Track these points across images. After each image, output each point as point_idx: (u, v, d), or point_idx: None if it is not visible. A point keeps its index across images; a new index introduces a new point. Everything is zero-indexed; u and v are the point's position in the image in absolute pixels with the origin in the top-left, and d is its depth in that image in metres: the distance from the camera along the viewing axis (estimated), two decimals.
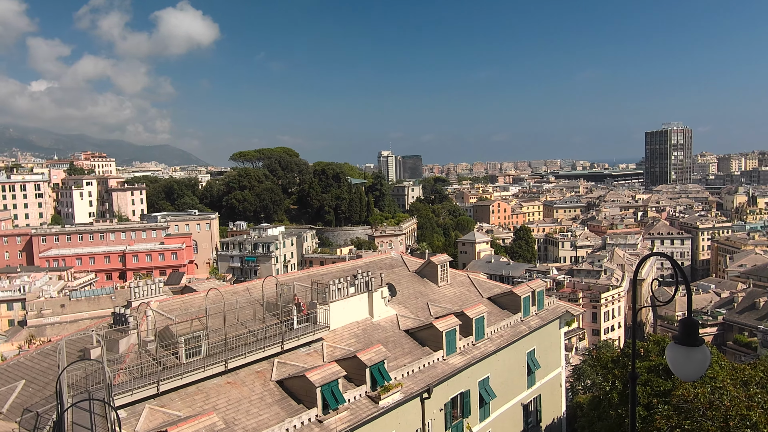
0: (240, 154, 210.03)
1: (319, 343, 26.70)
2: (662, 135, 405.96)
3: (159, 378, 20.27)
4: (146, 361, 20.98)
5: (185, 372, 21.11)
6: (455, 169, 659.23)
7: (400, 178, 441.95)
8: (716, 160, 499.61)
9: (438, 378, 27.30)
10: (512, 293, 35.94)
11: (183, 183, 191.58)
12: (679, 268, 9.19)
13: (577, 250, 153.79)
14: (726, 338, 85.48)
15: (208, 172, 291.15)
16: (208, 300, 24.69)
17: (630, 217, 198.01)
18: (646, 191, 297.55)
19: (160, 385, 20.27)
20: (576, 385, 59.57)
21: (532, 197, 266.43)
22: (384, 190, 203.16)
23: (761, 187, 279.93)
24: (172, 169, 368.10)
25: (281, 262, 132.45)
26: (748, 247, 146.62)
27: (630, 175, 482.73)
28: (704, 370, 8.44)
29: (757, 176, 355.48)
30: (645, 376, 32.20)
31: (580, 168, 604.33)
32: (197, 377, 21.61)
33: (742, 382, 28.31)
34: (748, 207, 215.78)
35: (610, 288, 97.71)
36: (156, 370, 20.49)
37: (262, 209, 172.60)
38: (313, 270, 37.34)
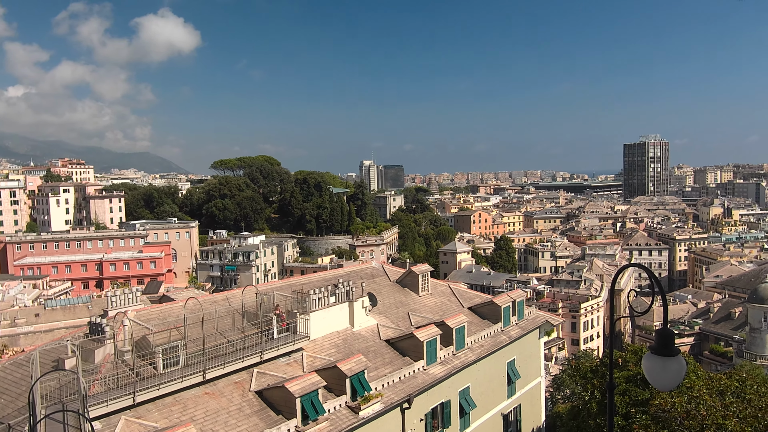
0: (221, 163, 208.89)
1: (299, 353, 26.50)
2: (640, 147, 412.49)
3: (135, 389, 19.93)
4: (122, 371, 20.63)
5: (162, 382, 20.79)
6: (437, 179, 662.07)
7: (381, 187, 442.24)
8: (692, 172, 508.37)
9: (418, 388, 27.24)
10: (493, 303, 36.06)
11: (163, 191, 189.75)
12: (655, 278, 9.31)
13: (556, 260, 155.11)
14: (702, 348, 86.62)
15: (188, 180, 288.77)
16: (187, 309, 24.39)
17: (609, 227, 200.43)
18: (624, 202, 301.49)
19: (136, 395, 19.93)
20: (555, 394, 59.91)
21: (513, 208, 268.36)
22: (366, 200, 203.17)
23: (736, 200, 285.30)
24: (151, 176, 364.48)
25: (262, 272, 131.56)
26: (723, 258, 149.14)
27: (609, 186, 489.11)
28: (680, 380, 8.53)
29: (732, 189, 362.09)
30: (623, 385, 32.49)
31: (560, 179, 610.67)
32: (175, 388, 21.30)
33: (718, 391, 28.71)
34: (724, 219, 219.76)
35: (589, 298, 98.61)
36: (132, 381, 20.15)
37: (243, 218, 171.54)
38: (293, 279, 37.14)
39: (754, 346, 71.08)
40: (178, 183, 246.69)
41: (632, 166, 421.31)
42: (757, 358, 68.87)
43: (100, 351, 21.80)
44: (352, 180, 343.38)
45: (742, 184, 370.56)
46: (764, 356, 69.28)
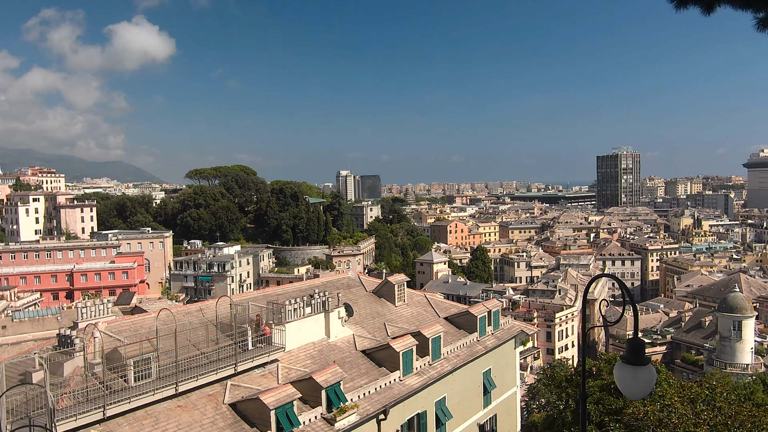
0: (196, 172, 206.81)
1: (275, 365, 26.23)
2: (613, 159, 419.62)
3: (105, 402, 19.50)
4: (92, 384, 20.17)
5: (134, 396, 20.39)
6: (413, 190, 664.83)
7: (358, 197, 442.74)
8: (664, 183, 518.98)
9: (394, 399, 27.13)
10: (468, 313, 36.17)
11: (136, 200, 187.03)
12: (625, 289, 9.43)
13: (532, 270, 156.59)
14: (674, 357, 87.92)
15: (162, 189, 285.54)
16: (159, 321, 24.01)
17: (583, 238, 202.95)
18: (598, 213, 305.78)
19: (106, 409, 19.50)
20: (531, 404, 60.22)
21: (489, 218, 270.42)
22: (342, 210, 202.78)
23: (705, 210, 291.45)
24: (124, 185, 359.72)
25: (237, 282, 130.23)
26: (694, 268, 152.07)
27: (583, 197, 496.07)
28: (651, 388, 8.64)
29: (701, 200, 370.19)
30: (597, 394, 32.79)
31: (535, 190, 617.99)
32: (146, 401, 20.90)
33: (689, 399, 29.15)
34: (694, 229, 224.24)
35: (563, 308, 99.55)
36: (103, 394, 19.72)
37: (218, 228, 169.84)
38: (269, 290, 36.82)
39: (724, 355, 72.37)
40: (152, 192, 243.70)
41: (605, 178, 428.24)
42: (726, 366, 70.10)
43: (70, 364, 21.32)
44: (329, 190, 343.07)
45: (711, 196, 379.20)
46: (734, 364, 70.57)
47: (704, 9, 7.76)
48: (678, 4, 7.80)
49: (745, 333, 71.73)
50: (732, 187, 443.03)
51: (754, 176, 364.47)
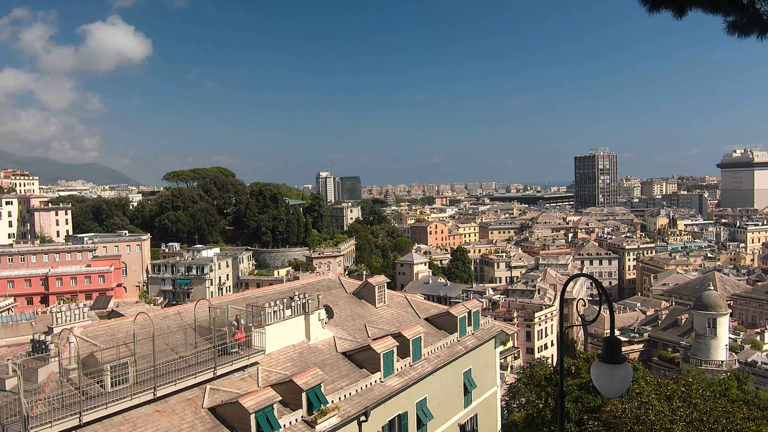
0: (174, 174, 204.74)
1: (254, 368, 26.05)
2: (590, 160, 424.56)
3: (82, 408, 19.18)
4: (68, 390, 19.84)
5: (110, 401, 20.09)
6: (394, 191, 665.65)
7: (338, 199, 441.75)
8: (640, 184, 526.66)
9: (375, 400, 27.12)
10: (449, 314, 36.30)
11: (112, 203, 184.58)
12: (602, 288, 9.55)
13: (511, 270, 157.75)
14: (651, 354, 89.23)
15: (139, 191, 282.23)
16: (137, 325, 23.71)
17: (561, 238, 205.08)
18: (576, 213, 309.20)
19: (82, 415, 19.17)
20: (511, 403, 60.63)
21: (469, 219, 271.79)
22: (322, 211, 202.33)
23: (680, 210, 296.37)
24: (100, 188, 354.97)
25: (216, 285, 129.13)
26: (670, 266, 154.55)
27: (561, 197, 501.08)
28: (627, 386, 8.75)
29: (676, 200, 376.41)
30: (576, 393, 33.09)
31: (514, 191, 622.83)
32: (123, 406, 20.60)
33: (665, 396, 29.61)
34: (670, 229, 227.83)
35: (543, 307, 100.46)
36: (79, 400, 19.40)
37: (197, 230, 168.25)
38: (248, 292, 36.57)
39: (700, 352, 73.60)
40: (128, 195, 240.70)
41: (583, 178, 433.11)
42: (702, 363, 71.30)
43: (44, 370, 20.93)
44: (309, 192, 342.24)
45: (685, 196, 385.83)
46: (709, 361, 71.81)
47: (676, 12, 7.90)
48: (651, 8, 7.92)
49: (719, 330, 73.04)
50: (706, 187, 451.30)
51: (727, 176, 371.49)
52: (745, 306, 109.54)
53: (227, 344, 25.02)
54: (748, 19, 7.72)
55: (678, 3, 7.82)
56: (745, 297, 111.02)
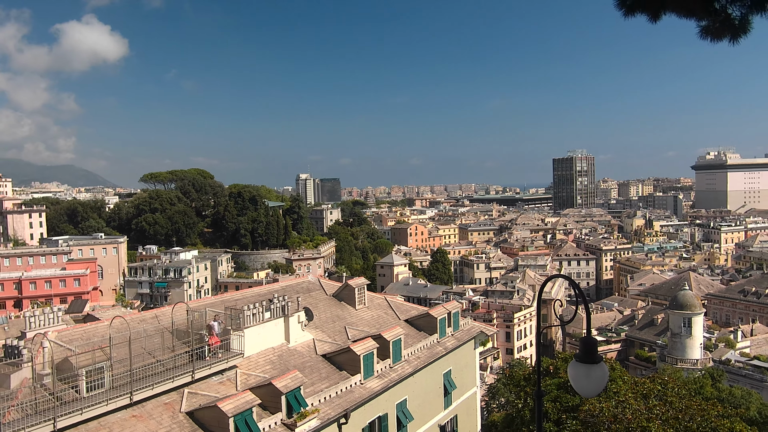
0: (151, 176, 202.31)
1: (233, 371, 25.84)
2: (568, 162, 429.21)
3: (56, 414, 18.84)
4: (42, 396, 19.48)
5: (86, 406, 19.76)
6: (374, 193, 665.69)
7: (318, 201, 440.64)
8: (617, 185, 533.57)
9: (355, 402, 27.07)
10: (429, 315, 36.40)
11: (88, 205, 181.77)
12: (578, 288, 9.65)
13: (491, 271, 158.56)
14: (628, 353, 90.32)
15: (116, 193, 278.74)
16: (113, 329, 23.37)
17: (540, 239, 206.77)
18: (554, 215, 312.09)
19: (57, 421, 18.84)
20: (491, 403, 60.88)
21: (448, 220, 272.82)
22: (302, 213, 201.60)
23: (656, 211, 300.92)
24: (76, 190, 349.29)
25: (194, 288, 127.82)
26: (646, 267, 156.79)
27: (540, 199, 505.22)
28: (603, 386, 8.84)
29: (652, 201, 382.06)
30: (554, 392, 33.37)
31: (493, 192, 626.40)
32: (99, 411, 20.28)
33: (642, 395, 30.02)
34: (646, 230, 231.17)
35: (522, 308, 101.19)
36: (53, 406, 19.05)
37: (175, 233, 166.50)
38: (227, 295, 36.26)
39: (675, 351, 74.72)
40: (104, 197, 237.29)
41: (561, 180, 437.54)
42: (677, 361, 72.38)
43: (17, 375, 20.53)
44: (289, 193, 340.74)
45: (661, 197, 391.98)
46: (684, 360, 72.94)
47: (651, 16, 8.03)
48: (627, 12, 8.04)
49: (694, 329, 74.21)
50: (681, 189, 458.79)
51: (702, 178, 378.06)
52: (719, 305, 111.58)
53: (203, 348, 24.77)
54: (720, 23, 7.87)
55: (653, 7, 7.94)
56: (719, 296, 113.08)
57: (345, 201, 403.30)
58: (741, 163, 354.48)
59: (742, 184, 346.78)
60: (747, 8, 7.63)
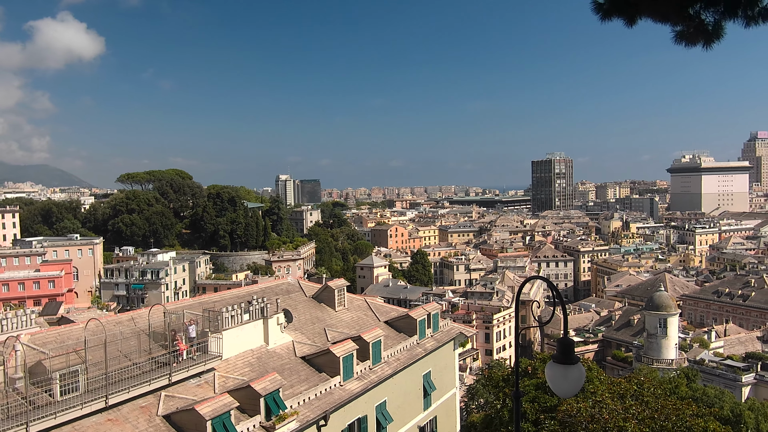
0: (128, 176, 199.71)
1: (211, 374, 25.60)
2: (547, 164, 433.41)
3: (28, 418, 18.48)
4: (14, 400, 19.07)
5: (59, 410, 19.42)
6: (354, 194, 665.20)
7: (298, 202, 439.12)
8: (594, 188, 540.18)
9: (335, 404, 26.99)
10: (408, 316, 36.45)
11: (63, 206, 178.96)
12: (555, 290, 9.74)
13: (470, 273, 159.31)
14: (605, 354, 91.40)
15: (92, 194, 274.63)
16: (88, 331, 23.00)
17: (519, 240, 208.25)
18: (533, 216, 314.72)
19: (29, 426, 18.47)
20: (470, 404, 61.09)
21: (428, 222, 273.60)
22: (282, 215, 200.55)
23: (633, 213, 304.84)
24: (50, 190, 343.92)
25: (172, 290, 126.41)
26: (623, 268, 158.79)
27: (519, 201, 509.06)
28: (580, 386, 8.93)
29: (629, 203, 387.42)
30: (533, 393, 33.63)
31: (473, 194, 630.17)
32: (73, 415, 19.94)
33: (619, 395, 30.37)
34: (623, 232, 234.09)
35: (501, 309, 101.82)
36: (25, 410, 18.68)
37: (152, 234, 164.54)
38: (205, 297, 35.92)
39: (651, 351, 75.75)
40: (80, 197, 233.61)
41: (540, 182, 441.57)
42: (653, 362, 73.38)
43: None
44: (268, 195, 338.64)
45: (638, 199, 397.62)
46: (660, 360, 73.99)
47: (627, 21, 8.16)
48: (603, 16, 8.16)
49: (670, 330, 75.33)
50: (657, 191, 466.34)
51: (677, 181, 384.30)
52: (693, 306, 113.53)
53: (169, 354, 24.36)
54: (694, 29, 8.02)
55: (629, 13, 8.07)
56: (693, 297, 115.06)
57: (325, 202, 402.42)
58: (715, 167, 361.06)
59: (716, 187, 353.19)
60: (720, 14, 7.79)
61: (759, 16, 7.60)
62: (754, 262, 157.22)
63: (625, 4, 7.96)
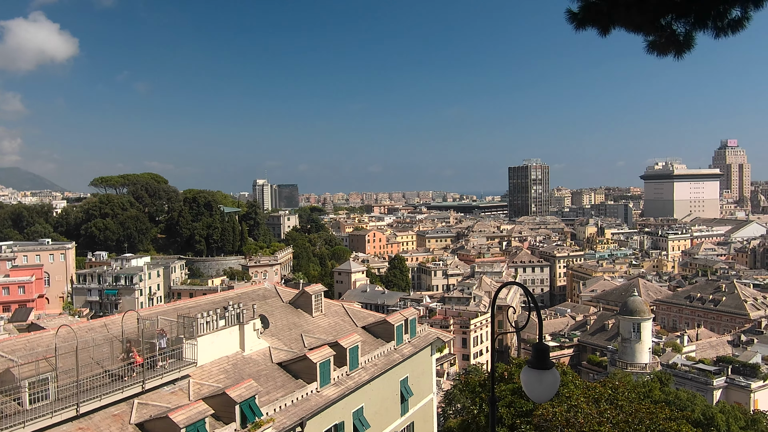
0: (102, 180, 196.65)
1: (185, 381, 25.24)
2: (523, 170, 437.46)
3: None
4: None
5: (28, 419, 18.96)
6: (332, 199, 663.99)
7: (276, 207, 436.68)
8: (570, 194, 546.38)
9: (312, 411, 26.81)
10: (386, 322, 36.42)
11: (34, 209, 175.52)
12: (530, 295, 9.81)
13: (448, 278, 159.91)
14: (581, 358, 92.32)
15: (64, 198, 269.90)
16: (59, 338, 22.53)
17: (496, 246, 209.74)
18: (510, 222, 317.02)
19: None
20: (447, 410, 61.22)
21: (406, 227, 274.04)
22: (259, 219, 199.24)
23: (608, 219, 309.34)
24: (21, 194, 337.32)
25: (146, 295, 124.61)
26: (597, 273, 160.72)
27: (496, 206, 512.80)
28: (555, 391, 9.00)
29: (604, 209, 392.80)
30: (509, 398, 33.84)
31: (450, 200, 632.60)
32: (43, 424, 19.48)
33: (594, 399, 30.71)
34: (598, 237, 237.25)
35: (478, 314, 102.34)
36: None
37: (126, 238, 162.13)
38: (180, 302, 35.48)
39: (625, 355, 76.75)
40: (52, 201, 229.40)
41: (516, 188, 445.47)
42: (627, 366, 74.35)
43: None
44: (245, 199, 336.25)
45: (612, 206, 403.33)
46: (634, 364, 75.00)
47: (601, 30, 8.29)
48: (578, 25, 8.28)
49: (643, 334, 76.41)
50: (631, 198, 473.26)
51: (650, 187, 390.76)
52: (666, 311, 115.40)
53: (155, 357, 24.08)
54: (666, 39, 8.18)
55: (603, 23, 8.20)
56: (666, 302, 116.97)
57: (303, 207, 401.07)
58: (686, 174, 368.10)
59: (688, 193, 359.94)
60: (690, 25, 7.96)
61: (728, 28, 7.78)
62: (724, 267, 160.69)
63: (599, 14, 8.09)
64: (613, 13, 8.01)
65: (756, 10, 7.68)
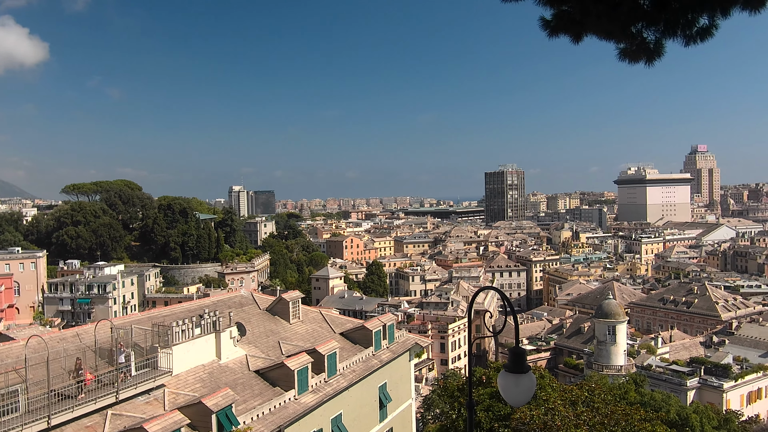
0: (73, 187, 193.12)
1: (160, 390, 24.88)
2: (499, 176, 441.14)
3: None
4: None
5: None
6: (309, 205, 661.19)
7: (252, 213, 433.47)
8: (546, 199, 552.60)
9: (290, 418, 26.61)
10: (364, 328, 36.35)
11: (3, 217, 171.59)
12: (506, 299, 9.89)
13: (426, 283, 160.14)
14: (558, 361, 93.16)
15: (35, 205, 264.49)
16: (29, 349, 22.04)
17: (473, 251, 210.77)
18: (486, 227, 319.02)
19: None
20: (426, 415, 61.28)
21: (384, 233, 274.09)
22: (235, 226, 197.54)
23: (582, 224, 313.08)
24: None
25: (120, 304, 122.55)
26: (573, 277, 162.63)
27: (472, 212, 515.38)
28: (531, 395, 9.05)
29: (579, 214, 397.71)
30: (487, 401, 33.95)
31: (427, 205, 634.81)
32: None
33: (570, 402, 30.94)
34: (573, 242, 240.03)
35: (456, 319, 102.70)
36: None
37: (99, 246, 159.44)
38: (155, 311, 34.99)
39: (601, 358, 77.66)
40: (22, 209, 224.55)
41: (493, 193, 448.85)
42: (603, 368, 75.23)
43: None
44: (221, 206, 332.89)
45: (587, 210, 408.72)
46: (609, 366, 75.92)
47: (573, 38, 8.42)
48: (550, 33, 8.40)
49: (618, 337, 77.44)
50: (605, 202, 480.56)
51: (624, 192, 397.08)
52: (640, 313, 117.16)
53: (129, 367, 23.67)
54: (636, 47, 8.35)
55: (575, 30, 8.33)
56: (640, 305, 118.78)
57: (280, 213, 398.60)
58: (658, 179, 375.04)
59: (660, 198, 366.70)
60: (660, 33, 8.13)
61: (697, 36, 7.96)
62: (696, 270, 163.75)
63: (571, 22, 8.22)
64: (585, 21, 8.14)
65: (723, 19, 7.87)
